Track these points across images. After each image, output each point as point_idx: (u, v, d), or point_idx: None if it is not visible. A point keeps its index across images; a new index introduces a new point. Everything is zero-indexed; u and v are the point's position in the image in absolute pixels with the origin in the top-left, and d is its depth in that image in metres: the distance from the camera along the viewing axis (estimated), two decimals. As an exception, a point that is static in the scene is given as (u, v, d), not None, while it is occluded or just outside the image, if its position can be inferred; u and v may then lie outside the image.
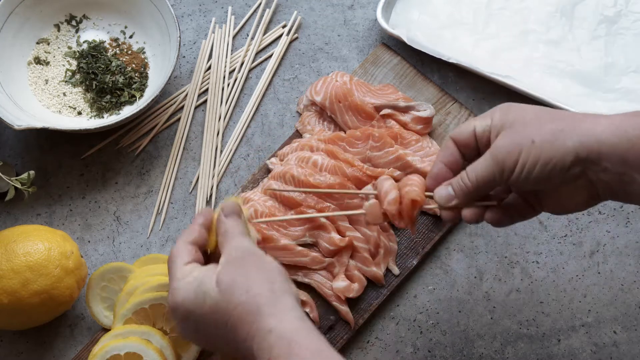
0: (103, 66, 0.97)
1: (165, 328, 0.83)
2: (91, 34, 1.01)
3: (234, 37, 1.03)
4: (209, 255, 0.74)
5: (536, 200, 0.71)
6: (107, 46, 1.00)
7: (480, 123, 0.69)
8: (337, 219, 0.88)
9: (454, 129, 0.72)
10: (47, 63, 0.99)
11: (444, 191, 0.71)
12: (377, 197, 0.74)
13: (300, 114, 0.98)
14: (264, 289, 0.65)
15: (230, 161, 0.96)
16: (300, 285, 0.88)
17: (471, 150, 0.71)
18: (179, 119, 0.98)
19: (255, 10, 1.05)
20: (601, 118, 0.64)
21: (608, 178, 0.64)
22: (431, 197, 0.73)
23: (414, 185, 0.73)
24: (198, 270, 0.68)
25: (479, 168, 0.68)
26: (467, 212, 0.71)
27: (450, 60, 0.97)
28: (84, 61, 0.98)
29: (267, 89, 1.00)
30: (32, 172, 0.88)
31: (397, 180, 0.90)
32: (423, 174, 0.90)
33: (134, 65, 0.98)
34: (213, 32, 1.03)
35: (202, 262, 0.71)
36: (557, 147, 0.64)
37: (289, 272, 0.88)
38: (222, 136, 0.98)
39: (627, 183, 0.63)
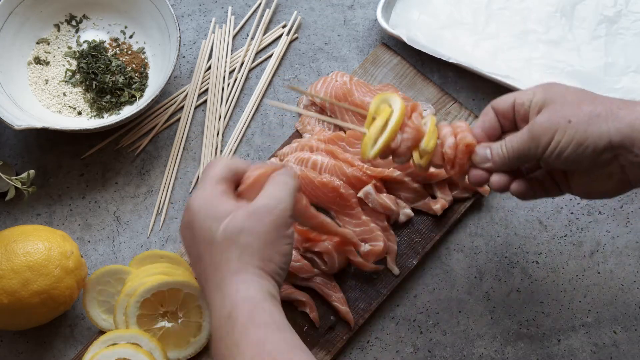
0: (103, 66, 0.97)
1: (179, 312, 0.84)
2: (91, 34, 1.01)
3: (234, 37, 1.03)
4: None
5: (564, 180, 0.73)
6: (107, 46, 1.00)
7: (520, 96, 0.71)
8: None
9: (496, 98, 0.73)
10: (47, 63, 0.99)
11: (482, 151, 0.73)
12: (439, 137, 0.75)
13: (300, 114, 0.98)
14: (254, 263, 0.67)
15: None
16: (300, 287, 0.88)
17: (509, 121, 0.73)
18: (179, 119, 0.98)
19: (255, 10, 1.05)
20: (637, 105, 0.66)
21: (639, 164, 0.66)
22: None
23: (466, 131, 0.73)
24: (227, 201, 0.69)
25: (515, 140, 0.70)
26: (495, 178, 0.73)
27: (450, 60, 0.97)
28: (84, 61, 0.98)
29: (267, 89, 1.00)
30: (32, 172, 0.88)
31: (398, 180, 0.90)
32: (423, 174, 0.90)
33: (134, 65, 0.98)
34: (213, 32, 1.03)
35: (233, 184, 0.72)
36: (591, 130, 0.65)
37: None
38: (222, 136, 0.98)
39: None
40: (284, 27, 1.04)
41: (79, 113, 0.97)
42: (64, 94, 0.97)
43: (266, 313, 0.65)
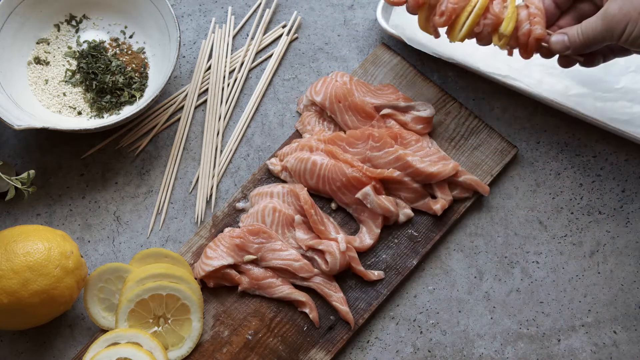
0: (103, 66, 0.97)
1: (167, 315, 0.85)
2: (91, 34, 1.01)
3: (234, 37, 1.03)
4: None
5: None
6: (107, 46, 1.00)
7: None
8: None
9: None
10: (47, 63, 0.99)
11: (560, 38, 0.82)
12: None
13: (300, 114, 0.98)
14: None
15: (230, 161, 0.97)
16: (300, 287, 0.88)
17: None
18: (179, 119, 0.98)
19: (255, 10, 1.05)
20: None
21: None
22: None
23: (537, 23, 0.84)
24: None
25: (590, 28, 0.79)
26: (561, 60, 0.85)
27: (450, 60, 0.97)
28: (84, 61, 0.98)
29: (267, 89, 1.00)
30: (32, 172, 0.88)
31: (398, 180, 0.90)
32: (423, 174, 0.90)
33: (134, 65, 0.98)
34: (213, 32, 1.03)
35: None
36: None
37: (286, 275, 0.88)
38: (222, 136, 0.98)
39: None
40: (284, 27, 1.04)
41: (79, 113, 0.97)
42: (64, 94, 0.97)
43: None
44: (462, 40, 0.88)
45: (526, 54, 0.86)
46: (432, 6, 0.88)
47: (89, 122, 0.96)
